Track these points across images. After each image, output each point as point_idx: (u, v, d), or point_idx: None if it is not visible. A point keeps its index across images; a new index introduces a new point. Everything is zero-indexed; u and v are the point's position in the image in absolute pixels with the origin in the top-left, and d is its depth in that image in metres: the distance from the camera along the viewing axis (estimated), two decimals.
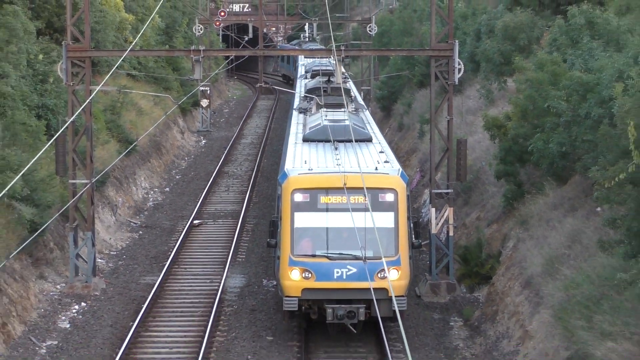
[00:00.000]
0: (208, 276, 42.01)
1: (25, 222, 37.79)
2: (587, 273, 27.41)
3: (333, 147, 36.49)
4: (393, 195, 31.75)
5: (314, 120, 42.88)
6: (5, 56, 45.05)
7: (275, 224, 32.28)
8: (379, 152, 36.66)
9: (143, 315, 36.07)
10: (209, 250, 46.42)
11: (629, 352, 23.08)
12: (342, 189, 30.65)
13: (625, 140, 25.15)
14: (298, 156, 36.01)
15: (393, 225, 31.68)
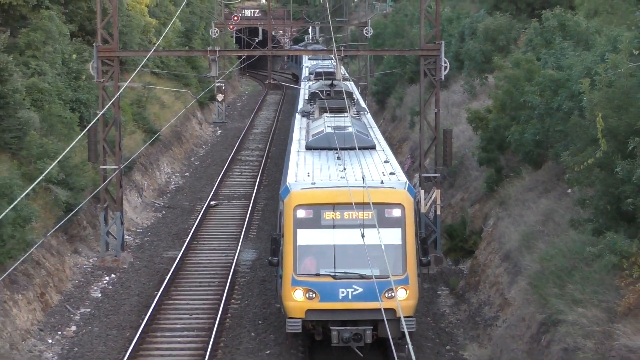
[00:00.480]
0: (223, 251, 42.02)
1: (61, 203, 37.79)
2: (559, 247, 27.36)
3: (336, 156, 32.03)
4: (400, 211, 27.36)
5: (317, 126, 38.01)
6: (43, 56, 45.01)
7: (277, 241, 27.83)
8: (383, 161, 32.32)
9: (166, 286, 36.13)
10: (224, 228, 46.42)
11: (597, 318, 23.02)
12: (346, 205, 26.62)
13: (593, 129, 25.10)
14: (301, 167, 31.40)
15: (400, 242, 27.30)
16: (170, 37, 73.00)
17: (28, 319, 32.04)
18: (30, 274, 33.78)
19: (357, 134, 33.88)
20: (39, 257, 35.06)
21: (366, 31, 73.94)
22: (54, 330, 32.53)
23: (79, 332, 32.55)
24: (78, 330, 32.73)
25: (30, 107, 39.51)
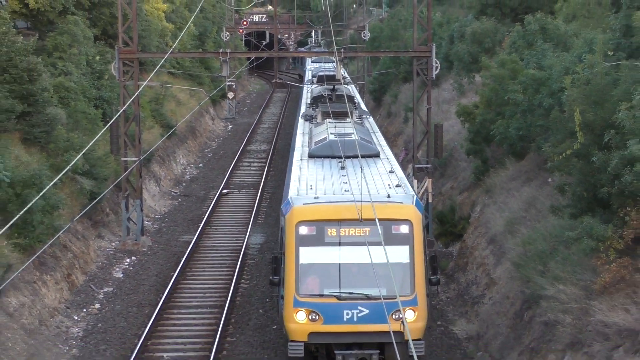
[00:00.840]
0: (234, 235, 42.03)
1: (85, 192, 37.83)
2: (540, 232, 27.35)
3: (340, 165, 28.30)
4: (408, 227, 23.81)
5: (320, 132, 34.03)
6: (69, 57, 45.02)
7: (278, 259, 24.31)
8: (388, 171, 28.47)
9: (182, 267, 36.16)
10: (235, 214, 46.41)
11: (575, 295, 23.02)
12: (352, 221, 23.54)
13: (571, 123, 25.12)
14: (303, 178, 27.67)
15: (408, 260, 23.75)
16: (185, 40, 72.96)
17: (56, 297, 32.09)
18: (58, 257, 33.82)
19: (361, 141, 30.55)
20: (66, 241, 35.10)
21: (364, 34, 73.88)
22: (79, 307, 32.59)
23: (102, 310, 32.61)
24: (101, 308, 32.79)
25: (57, 104, 39.53)
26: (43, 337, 29.06)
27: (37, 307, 30.18)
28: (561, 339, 23.17)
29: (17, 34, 38.44)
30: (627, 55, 27.21)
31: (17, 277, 28.58)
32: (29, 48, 37.78)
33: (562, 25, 41.80)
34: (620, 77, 24.89)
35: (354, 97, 48.11)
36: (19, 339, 27.76)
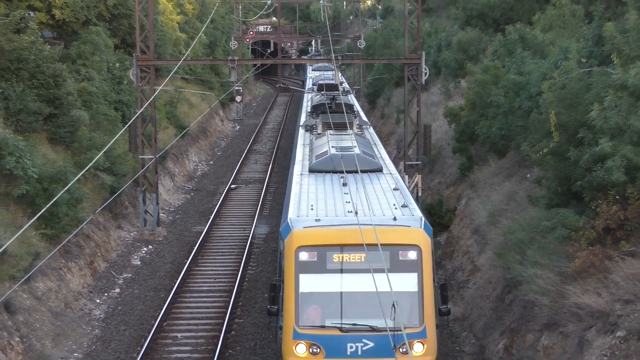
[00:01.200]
0: (241, 226, 42.03)
1: (106, 187, 37.88)
2: (519, 223, 27.39)
3: (342, 182, 24.91)
4: (416, 253, 20.32)
5: (320, 145, 30.47)
6: (91, 64, 45.04)
7: (276, 288, 20.79)
8: (393, 188, 24.79)
9: (194, 255, 36.19)
10: (242, 207, 46.40)
11: (551, 279, 23.05)
12: (356, 246, 19.91)
13: (548, 124, 25.15)
14: (304, 197, 23.88)
15: (417, 289, 20.26)
16: (197, 49, 72.95)
17: (80, 282, 32.14)
18: (82, 245, 33.87)
19: (363, 155, 27.26)
20: (89, 232, 35.15)
21: (360, 43, 74.06)
22: (101, 292, 32.64)
23: (122, 294, 32.65)
24: (121, 292, 32.83)
25: (81, 107, 39.57)
26: (68, 319, 29.13)
27: (62, 291, 30.24)
28: (539, 320, 23.23)
29: (44, 43, 38.47)
30: (598, 62, 27.24)
31: (44, 264, 28.64)
32: (55, 56, 37.80)
33: (539, 35, 41.80)
34: (592, 82, 24.94)
35: (354, 105, 44.95)
36: (47, 321, 27.83)
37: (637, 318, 19.24)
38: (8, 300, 25.67)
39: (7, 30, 35.47)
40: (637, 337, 18.85)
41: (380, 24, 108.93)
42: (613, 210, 21.73)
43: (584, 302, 21.10)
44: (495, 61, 40.87)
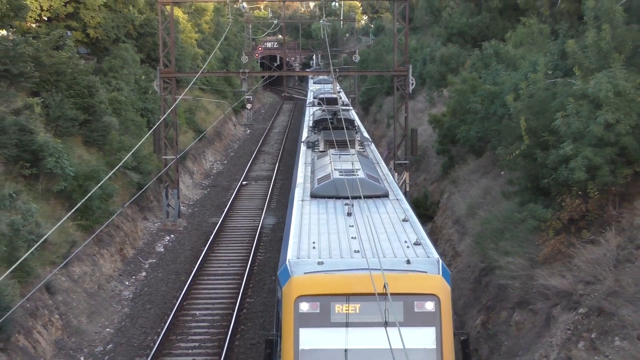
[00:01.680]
0: (252, 217, 42.10)
1: (134, 183, 37.97)
2: (495, 214, 27.43)
3: (346, 211, 19.98)
4: (434, 304, 15.56)
5: (323, 167, 25.43)
6: (120, 77, 45.13)
7: (272, 344, 16.02)
8: (402, 219, 19.86)
9: (210, 243, 36.30)
10: (252, 201, 46.47)
11: (522, 264, 23.09)
12: (365, 296, 15.06)
13: (518, 129, 25.17)
14: (305, 229, 18.84)
15: (435, 345, 15.50)
16: (213, 63, 73.00)
17: (111, 267, 32.22)
18: (112, 235, 33.95)
19: (368, 180, 22.57)
20: (119, 222, 35.24)
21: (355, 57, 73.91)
22: (129, 275, 32.72)
23: (147, 277, 32.74)
24: (147, 275, 32.92)
25: (111, 114, 39.65)
26: (101, 299, 29.22)
27: (96, 274, 30.33)
28: (511, 299, 23.28)
29: (79, 58, 38.55)
30: (562, 74, 27.25)
31: (80, 251, 28.71)
32: (89, 69, 37.88)
33: (511, 50, 41.85)
34: (557, 92, 24.96)
35: (355, 120, 40.14)
36: (82, 300, 27.92)
37: (596, 297, 19.30)
38: (49, 282, 25.77)
39: (48, 47, 35.61)
40: (597, 313, 18.91)
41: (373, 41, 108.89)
42: (576, 203, 21.80)
43: (550, 283, 21.16)
44: (473, 73, 40.89)
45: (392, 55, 48.54)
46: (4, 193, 26.25)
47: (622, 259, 19.83)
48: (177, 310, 27.81)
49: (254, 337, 25.91)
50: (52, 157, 29.90)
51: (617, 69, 21.82)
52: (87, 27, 47.16)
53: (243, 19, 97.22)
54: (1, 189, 26.66)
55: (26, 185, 29.38)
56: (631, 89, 21.32)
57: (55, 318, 25.45)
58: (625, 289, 18.64)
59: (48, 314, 25.19)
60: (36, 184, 29.89)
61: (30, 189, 29.40)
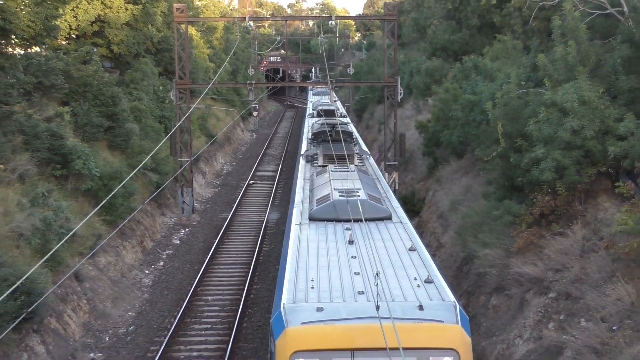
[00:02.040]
0: (258, 213, 42.08)
1: (153, 183, 37.95)
2: (474, 210, 27.47)
3: (347, 238, 16.32)
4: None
5: (322, 186, 21.59)
6: (141, 88, 45.16)
7: None
8: (408, 249, 16.19)
9: (221, 236, 36.27)
10: (258, 198, 46.45)
11: (498, 254, 23.12)
12: (372, 351, 11.69)
13: (495, 134, 25.19)
14: (302, 263, 15.11)
15: None
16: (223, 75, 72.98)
17: (132, 257, 32.22)
18: (134, 228, 33.94)
19: (370, 202, 18.94)
20: (139, 218, 35.22)
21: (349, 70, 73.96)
22: (149, 264, 32.72)
23: (165, 266, 32.73)
24: (165, 265, 32.91)
25: (132, 121, 39.64)
26: (124, 286, 29.22)
27: (119, 264, 30.33)
28: (489, 285, 23.31)
29: (104, 72, 38.56)
30: (534, 85, 27.29)
31: (105, 243, 28.74)
32: (112, 81, 37.92)
33: (489, 63, 41.90)
34: (529, 101, 25.00)
35: (352, 133, 37.30)
36: (107, 287, 27.92)
37: (564, 283, 19.33)
38: (77, 271, 25.79)
39: (76, 61, 35.63)
40: (565, 297, 18.94)
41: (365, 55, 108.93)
42: (546, 200, 21.86)
43: (523, 271, 21.20)
44: (454, 84, 40.97)
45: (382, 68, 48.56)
46: (38, 192, 26.26)
47: (587, 249, 19.86)
48: (192, 296, 27.81)
49: (260, 319, 25.92)
50: (80, 159, 29.90)
51: (582, 80, 21.88)
52: (111, 43, 47.17)
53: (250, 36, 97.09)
54: (35, 188, 26.65)
55: (57, 184, 29.37)
56: (594, 98, 21.38)
57: (83, 303, 25.46)
58: (590, 276, 18.68)
59: (77, 299, 25.19)
60: (66, 184, 29.89)
61: (60, 188, 29.39)
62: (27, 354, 20.99)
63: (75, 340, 23.56)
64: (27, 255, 23.15)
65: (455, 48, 60.52)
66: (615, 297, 17.09)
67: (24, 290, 20.14)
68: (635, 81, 22.43)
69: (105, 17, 46.19)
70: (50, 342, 22.22)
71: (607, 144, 20.55)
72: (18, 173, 26.77)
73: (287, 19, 50.58)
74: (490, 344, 20.33)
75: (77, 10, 43.62)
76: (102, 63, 43.28)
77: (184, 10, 39.76)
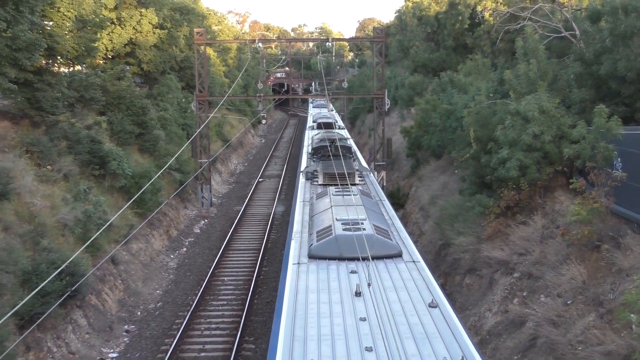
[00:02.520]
0: (266, 206, 42.07)
1: (177, 180, 37.93)
2: (451, 203, 27.53)
3: (354, 291, 11.25)
4: None
5: (322, 213, 16.75)
6: (166, 100, 45.13)
7: None
8: (428, 305, 10.90)
9: (235, 226, 36.27)
10: (267, 193, 46.46)
11: (471, 241, 23.17)
12: None
13: (468, 138, 25.25)
14: (299, 331, 9.76)
15: None
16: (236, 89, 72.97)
17: (160, 244, 32.24)
18: (161, 220, 33.96)
19: (377, 236, 13.95)
20: (165, 210, 35.24)
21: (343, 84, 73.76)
22: (173, 250, 32.74)
23: (187, 252, 32.75)
24: (187, 250, 32.93)
25: (159, 128, 39.61)
26: (152, 268, 29.27)
27: (149, 250, 30.37)
28: (463, 267, 23.37)
29: (135, 86, 38.56)
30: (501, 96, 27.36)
31: (136, 232, 28.78)
32: (142, 94, 37.91)
33: (462, 78, 42.00)
34: (497, 110, 25.06)
35: (352, 147, 31.91)
36: (139, 269, 27.97)
37: (527, 265, 19.40)
38: (113, 256, 25.84)
39: (112, 78, 35.64)
40: (527, 277, 19.01)
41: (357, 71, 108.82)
42: (511, 194, 21.91)
43: (492, 255, 21.26)
44: (433, 96, 41.05)
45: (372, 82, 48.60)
46: (80, 189, 26.32)
47: (546, 235, 19.94)
48: (210, 277, 27.85)
49: (268, 297, 25.97)
50: (115, 161, 29.94)
51: (541, 93, 21.96)
52: (141, 62, 47.17)
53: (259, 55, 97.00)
54: (77, 185, 26.71)
55: (96, 182, 29.42)
56: (552, 108, 21.46)
57: (118, 283, 25.52)
58: (548, 259, 18.75)
59: (113, 279, 25.26)
60: (103, 182, 29.93)
61: (98, 185, 29.44)
62: (72, 326, 21.09)
63: (112, 314, 23.63)
64: (71, 242, 23.23)
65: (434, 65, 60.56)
66: (570, 276, 17.18)
67: (69, 272, 20.24)
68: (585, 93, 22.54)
69: (136, 40, 46.19)
70: (91, 316, 22.31)
71: (562, 147, 20.64)
72: (63, 173, 26.84)
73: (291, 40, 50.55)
74: (464, 317, 20.41)
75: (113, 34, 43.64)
76: (134, 79, 43.27)
77: (203, 34, 39.80)
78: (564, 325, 15.68)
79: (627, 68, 20.74)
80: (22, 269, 19.47)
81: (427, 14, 64.40)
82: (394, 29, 79.26)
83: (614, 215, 18.19)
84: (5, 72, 23.81)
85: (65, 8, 30.78)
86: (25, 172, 24.25)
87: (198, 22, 52.59)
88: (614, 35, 21.99)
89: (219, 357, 20.59)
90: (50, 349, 19.53)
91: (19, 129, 27.44)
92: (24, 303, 16.91)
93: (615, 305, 14.94)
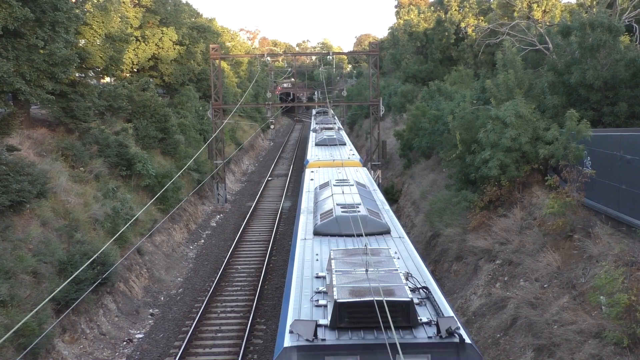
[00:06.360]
0: (275, 202, 42.01)
1: (195, 180, 37.92)
2: (439, 198, 27.47)
3: None
4: None
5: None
6: (186, 108, 45.10)
7: None
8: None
9: (247, 220, 36.18)
10: (275, 190, 46.40)
11: (458, 232, 23.13)
12: None
13: (454, 140, 25.18)
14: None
15: None
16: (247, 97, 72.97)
17: (180, 236, 32.22)
18: (181, 215, 33.94)
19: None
20: (185, 206, 35.20)
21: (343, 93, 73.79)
22: (192, 242, 32.72)
23: (205, 243, 32.72)
24: (205, 242, 32.90)
25: (179, 133, 39.59)
26: (174, 258, 29.25)
27: (170, 242, 30.35)
28: (450, 255, 23.33)
29: (158, 96, 38.56)
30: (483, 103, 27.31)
31: (159, 226, 28.75)
32: (164, 104, 37.86)
33: (448, 87, 41.91)
34: (479, 115, 25.01)
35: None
36: (161, 259, 27.96)
37: (507, 253, 19.35)
38: (139, 247, 25.83)
39: (137, 89, 35.64)
40: (508, 263, 18.95)
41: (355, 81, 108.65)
42: (493, 190, 21.85)
43: (477, 244, 21.21)
44: (423, 103, 40.97)
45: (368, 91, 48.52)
46: (109, 188, 26.32)
47: (524, 226, 19.89)
48: (225, 266, 27.80)
49: (277, 283, 25.94)
50: (140, 162, 29.94)
51: (518, 99, 21.89)
52: (163, 75, 47.12)
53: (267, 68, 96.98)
54: (107, 185, 26.71)
55: (123, 182, 29.42)
56: (528, 113, 21.40)
57: (144, 271, 25.51)
58: (526, 247, 18.71)
59: (139, 268, 25.25)
60: (130, 181, 29.94)
61: (126, 184, 29.44)
62: (103, 310, 21.09)
63: (138, 300, 23.63)
64: (101, 235, 23.23)
65: (423, 76, 60.43)
66: (546, 262, 17.13)
67: (99, 262, 20.23)
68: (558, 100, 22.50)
69: (159, 55, 46.15)
70: (120, 301, 22.31)
71: (538, 147, 20.60)
72: (94, 174, 26.85)
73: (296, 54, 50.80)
74: (452, 300, 20.38)
75: (137, 50, 43.63)
76: (157, 90, 43.27)
77: (217, 49, 39.76)
78: (541, 307, 15.64)
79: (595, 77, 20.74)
80: (59, 260, 19.49)
81: (416, 30, 64.30)
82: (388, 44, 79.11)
83: (585, 208, 18.16)
84: (43, 84, 23.83)
85: (97, 26, 30.87)
86: (60, 174, 24.27)
87: (213, 39, 52.50)
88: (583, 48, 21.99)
89: (234, 337, 20.57)
90: (84, 331, 19.54)
91: (55, 135, 27.46)
92: (60, 289, 16.93)
93: (586, 288, 14.90)
